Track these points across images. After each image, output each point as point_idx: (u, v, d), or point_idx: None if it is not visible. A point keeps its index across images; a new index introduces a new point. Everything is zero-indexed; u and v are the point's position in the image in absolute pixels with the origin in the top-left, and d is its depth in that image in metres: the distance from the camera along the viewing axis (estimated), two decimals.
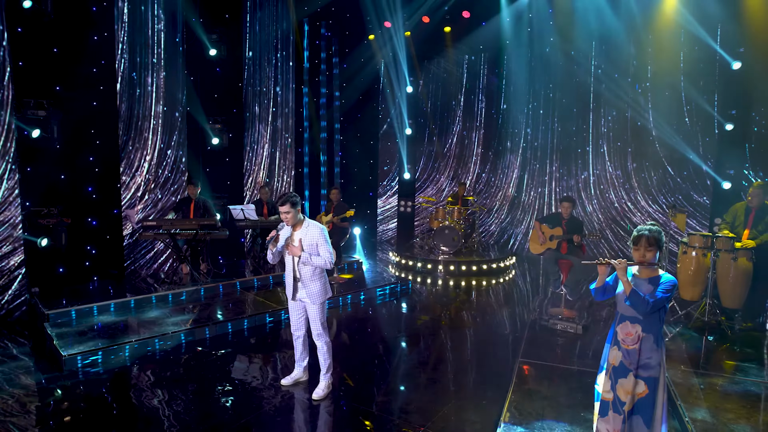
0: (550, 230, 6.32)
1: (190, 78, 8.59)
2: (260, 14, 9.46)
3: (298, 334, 4.50)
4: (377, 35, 11.84)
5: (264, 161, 9.71)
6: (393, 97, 12.74)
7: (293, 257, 4.22)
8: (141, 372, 4.81)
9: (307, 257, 4.10)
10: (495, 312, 7.06)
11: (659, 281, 2.90)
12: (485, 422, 3.95)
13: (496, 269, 9.38)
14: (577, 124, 10.51)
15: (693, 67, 9.11)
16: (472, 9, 10.38)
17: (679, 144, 9.21)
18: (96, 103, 7.60)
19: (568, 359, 4.89)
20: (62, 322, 5.73)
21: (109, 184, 7.74)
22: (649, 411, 2.94)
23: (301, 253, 4.10)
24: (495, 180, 11.73)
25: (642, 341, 2.92)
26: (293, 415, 4.10)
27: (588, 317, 6.17)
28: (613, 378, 3.04)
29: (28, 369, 4.83)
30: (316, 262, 4.13)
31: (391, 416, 4.02)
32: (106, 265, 7.62)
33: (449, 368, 5.06)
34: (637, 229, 2.98)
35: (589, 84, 10.26)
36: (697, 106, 9.11)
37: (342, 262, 8.39)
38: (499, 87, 11.60)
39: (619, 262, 2.96)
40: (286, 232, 4.25)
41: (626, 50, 9.70)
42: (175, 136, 8.22)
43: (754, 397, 4.03)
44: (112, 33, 7.62)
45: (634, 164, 9.89)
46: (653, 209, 9.63)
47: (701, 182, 9.21)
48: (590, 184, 10.33)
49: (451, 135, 12.31)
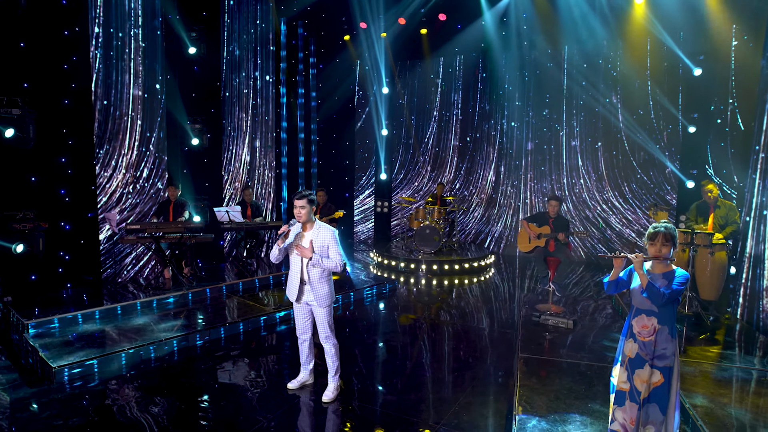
0: (537, 229, 6.52)
1: (168, 77, 8.33)
2: (238, 13, 9.27)
3: (304, 337, 4.45)
4: (353, 36, 11.85)
5: (243, 162, 9.52)
6: (369, 98, 12.77)
7: (302, 259, 4.18)
8: (140, 381, 4.64)
9: (318, 259, 4.06)
10: (484, 310, 7.22)
11: (674, 275, 3.07)
12: (497, 416, 4.06)
13: (477, 268, 9.58)
14: (551, 125, 10.87)
15: (660, 72, 9.61)
16: (449, 12, 10.53)
17: (648, 144, 9.69)
18: (68, 101, 7.26)
19: (566, 353, 5.06)
20: (44, 333, 5.44)
21: (83, 186, 7.40)
22: (665, 399, 3.10)
23: (312, 255, 4.06)
24: (471, 180, 11.95)
25: (657, 333, 3.08)
26: (307, 419, 4.06)
27: (576, 312, 6.40)
28: (629, 369, 3.18)
29: (14, 383, 4.56)
30: (327, 264, 4.10)
31: (405, 415, 4.05)
32: (80, 271, 7.28)
33: (451, 366, 5.14)
34: (653, 226, 3.13)
35: (562, 86, 10.63)
36: (663, 109, 9.61)
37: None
38: (475, 88, 11.83)
39: (636, 256, 3.11)
40: (295, 230, 4.20)
41: (599, 54, 10.12)
42: (154, 136, 7.94)
43: (743, 382, 4.31)
44: (85, 28, 7.29)
45: (606, 164, 10.32)
46: (625, 208, 10.09)
47: (668, 181, 9.72)
48: (564, 184, 10.70)
49: (428, 136, 12.46)
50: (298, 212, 4.13)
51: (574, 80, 10.48)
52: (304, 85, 11.30)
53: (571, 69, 10.50)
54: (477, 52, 11.50)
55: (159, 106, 8.01)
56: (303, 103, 11.32)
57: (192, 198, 8.02)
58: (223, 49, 8.97)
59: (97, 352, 4.89)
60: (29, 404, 4.14)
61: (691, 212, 6.30)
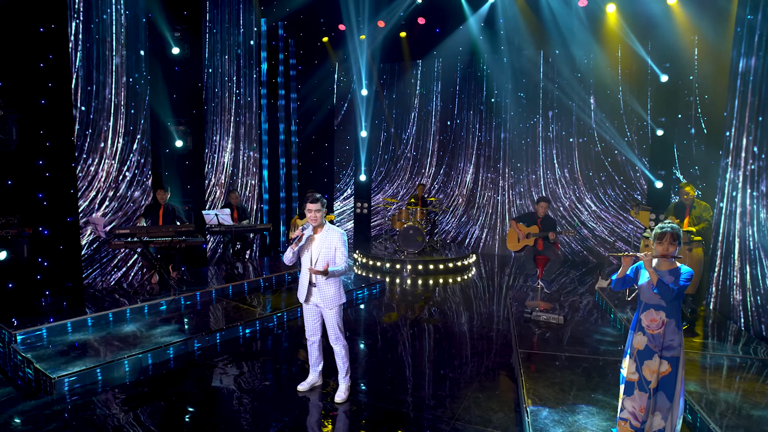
0: (526, 228, 6.76)
1: (149, 77, 8.13)
2: (219, 13, 9.13)
3: (313, 339, 4.49)
4: (332, 38, 11.87)
5: (227, 164, 9.39)
6: (349, 100, 12.82)
7: (311, 260, 4.22)
8: (145, 388, 4.55)
9: (332, 272, 4.10)
10: (475, 308, 7.42)
11: (679, 272, 3.31)
12: (505, 410, 4.22)
13: (460, 267, 9.80)
14: (528, 127, 11.22)
15: (630, 78, 10.10)
16: (429, 16, 10.72)
17: (620, 145, 10.17)
18: (45, 101, 6.99)
19: (562, 347, 5.30)
20: (33, 343, 5.23)
21: (62, 190, 7.14)
22: (672, 386, 3.33)
23: (328, 269, 4.08)
24: (450, 180, 12.18)
25: (666, 326, 3.31)
26: (323, 419, 4.11)
27: (565, 308, 6.68)
28: (638, 361, 3.40)
29: (10, 397, 4.38)
30: (338, 272, 4.15)
31: (419, 412, 4.16)
32: (59, 278, 7.03)
33: (454, 363, 5.28)
34: (660, 226, 3.36)
35: (539, 89, 11.00)
36: (634, 113, 10.12)
37: None
38: (454, 91, 12.07)
39: (645, 254, 3.33)
40: (307, 233, 4.24)
41: (575, 59, 10.53)
42: (137, 137, 7.73)
43: (728, 369, 4.65)
44: (63, 25, 7.04)
45: (580, 165, 10.75)
46: (599, 207, 10.54)
47: (638, 181, 10.23)
48: (540, 184, 11.08)
49: (407, 137, 12.61)
50: (312, 216, 4.18)
51: (550, 83, 10.86)
52: (284, 86, 11.24)
53: (547, 72, 10.88)
54: (456, 55, 11.74)
55: (142, 108, 7.81)
56: (284, 105, 11.26)
57: (177, 201, 7.86)
58: (205, 49, 8.83)
59: (96, 361, 4.75)
60: (34, 418, 4.00)
61: (668, 211, 6.68)
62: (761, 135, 5.79)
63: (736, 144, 6.29)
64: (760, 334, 5.60)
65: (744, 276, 5.98)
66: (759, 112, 5.85)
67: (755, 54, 5.97)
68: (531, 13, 9.92)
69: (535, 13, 9.86)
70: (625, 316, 6.06)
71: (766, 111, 5.74)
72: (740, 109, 6.23)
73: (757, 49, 5.93)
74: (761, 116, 5.81)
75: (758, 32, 5.91)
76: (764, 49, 5.81)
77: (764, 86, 5.76)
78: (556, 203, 10.91)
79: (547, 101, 10.96)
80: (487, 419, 4.07)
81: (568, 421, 3.78)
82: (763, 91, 5.79)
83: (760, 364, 4.76)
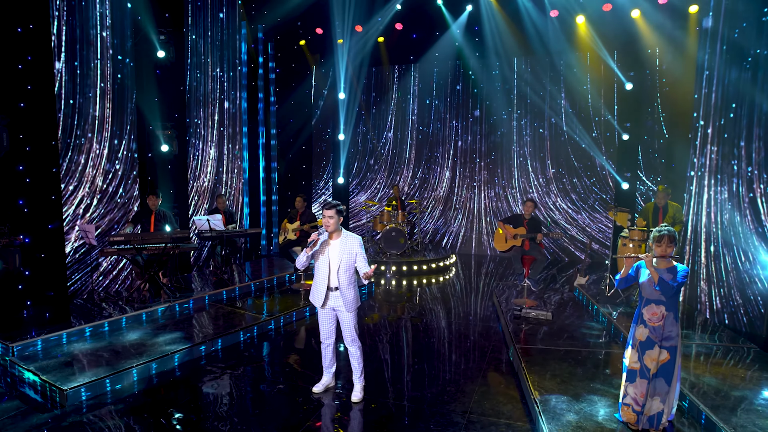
0: (513, 230, 7.12)
1: (135, 80, 7.98)
2: (201, 15, 9.05)
3: (328, 342, 4.63)
4: (309, 42, 11.93)
5: (210, 169, 9.31)
6: (326, 103, 12.90)
7: (329, 266, 4.36)
8: (159, 396, 4.55)
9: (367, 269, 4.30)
10: (463, 306, 7.72)
11: (676, 270, 3.68)
12: (513, 402, 4.51)
13: (442, 267, 10.11)
14: (503, 130, 11.67)
15: (599, 84, 10.70)
16: (408, 22, 10.97)
17: (591, 148, 10.77)
18: (24, 104, 6.78)
19: (554, 342, 5.65)
20: (30, 355, 5.11)
21: (44, 196, 6.93)
22: (670, 373, 3.70)
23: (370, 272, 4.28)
24: (428, 182, 12.47)
25: (665, 318, 3.67)
26: (345, 418, 4.25)
27: (551, 305, 7.07)
28: (640, 351, 3.76)
29: (20, 411, 4.29)
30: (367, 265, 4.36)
31: (434, 408, 4.38)
32: (42, 286, 6.82)
33: (455, 360, 5.54)
34: (657, 230, 3.72)
35: (513, 93, 11.46)
36: (603, 118, 10.73)
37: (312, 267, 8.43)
38: (430, 95, 12.37)
39: (646, 256, 3.69)
40: (322, 238, 4.37)
41: (548, 65, 11.05)
42: (124, 142, 7.58)
43: (704, 356, 5.12)
44: (45, 24, 6.84)
45: (552, 167, 11.30)
46: (570, 208, 11.11)
47: (606, 183, 10.87)
48: (515, 185, 11.56)
49: (384, 139, 12.82)
50: (326, 222, 4.31)
51: (524, 88, 11.33)
52: (264, 89, 11.21)
53: (522, 76, 11.35)
54: (433, 60, 12.04)
55: (129, 111, 7.66)
56: (263, 108, 11.23)
57: (165, 207, 7.76)
58: (187, 52, 8.73)
59: (105, 371, 4.71)
60: (53, 431, 3.96)
61: (644, 212, 7.19)
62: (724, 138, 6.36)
63: (701, 148, 6.85)
64: (723, 323, 6.17)
65: (710, 271, 6.54)
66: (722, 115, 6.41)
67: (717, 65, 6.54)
68: (508, 21, 10.35)
69: (512, 20, 10.30)
70: (606, 310, 6.50)
71: (728, 115, 6.30)
72: (705, 116, 6.80)
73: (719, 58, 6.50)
74: (723, 119, 6.37)
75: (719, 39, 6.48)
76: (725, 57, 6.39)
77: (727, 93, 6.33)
78: None
79: (522, 105, 11.43)
80: (497, 411, 4.34)
81: (575, 408, 4.11)
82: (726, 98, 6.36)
83: (727, 349, 5.28)
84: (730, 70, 6.29)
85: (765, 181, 5.66)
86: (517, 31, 10.41)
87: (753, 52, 5.87)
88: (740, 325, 5.91)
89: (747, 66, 5.98)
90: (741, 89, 6.07)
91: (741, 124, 6.07)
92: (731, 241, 6.13)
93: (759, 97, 5.74)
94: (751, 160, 5.86)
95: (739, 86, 6.12)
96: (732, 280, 6.10)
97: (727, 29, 6.37)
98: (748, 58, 5.97)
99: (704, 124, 6.81)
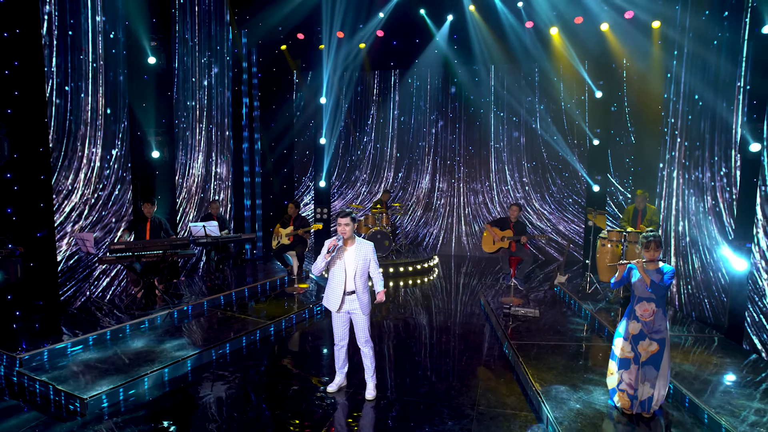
0: (500, 232, 7.53)
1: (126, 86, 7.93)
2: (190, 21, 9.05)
3: (341, 344, 4.86)
4: (291, 46, 12.04)
5: (199, 174, 9.31)
6: (308, 107, 13.03)
7: (345, 271, 4.60)
8: (180, 401, 4.67)
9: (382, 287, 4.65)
10: (453, 305, 8.07)
11: (663, 271, 4.12)
12: (516, 393, 4.87)
13: (426, 268, 10.46)
14: (481, 134, 12.13)
15: (572, 92, 11.30)
16: (391, 29, 11.25)
17: (564, 153, 11.36)
18: (11, 111, 6.67)
19: (545, 337, 6.07)
20: (37, 366, 5.10)
21: (32, 204, 6.83)
22: (658, 361, 4.13)
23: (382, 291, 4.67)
24: (408, 185, 12.79)
25: (655, 314, 4.11)
26: (364, 415, 4.50)
27: (536, 303, 7.51)
28: (633, 342, 4.18)
29: (39, 422, 4.32)
30: (381, 276, 4.67)
31: (445, 402, 4.69)
32: (31, 296, 6.73)
33: (455, 357, 5.87)
34: (644, 236, 4.16)
35: (490, 98, 11.93)
36: (575, 124, 11.33)
37: (303, 271, 8.60)
38: (410, 100, 12.70)
39: (637, 261, 4.12)
40: (340, 244, 4.60)
41: (523, 72, 11.57)
42: (116, 148, 7.53)
43: (679, 346, 5.64)
44: (36, 30, 6.74)
45: (528, 170, 11.83)
46: (546, 210, 11.68)
47: (578, 185, 11.49)
48: (493, 188, 12.04)
49: (365, 143, 13.06)
50: (342, 229, 4.55)
51: (502, 93, 11.82)
52: (247, 94, 11.25)
53: (500, 82, 11.83)
54: (413, 66, 12.37)
55: (121, 117, 7.62)
56: (247, 113, 11.27)
57: (162, 213, 7.76)
58: (174, 57, 8.72)
59: (120, 378, 4.78)
60: None
61: (626, 214, 7.72)
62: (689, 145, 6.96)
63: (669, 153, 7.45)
64: (690, 316, 6.76)
65: (678, 267, 7.13)
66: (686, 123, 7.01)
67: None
68: (489, 30, 10.80)
69: (491, 29, 10.75)
70: (588, 306, 6.99)
71: (694, 118, 6.89)
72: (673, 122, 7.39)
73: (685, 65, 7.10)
74: (689, 116, 6.96)
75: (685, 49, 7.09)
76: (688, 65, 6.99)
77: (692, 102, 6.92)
78: (507, 206, 11.92)
79: (501, 111, 11.92)
80: (503, 402, 4.69)
81: (574, 397, 4.50)
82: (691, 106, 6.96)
83: (697, 339, 5.84)
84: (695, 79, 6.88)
85: (725, 183, 6.25)
86: (496, 40, 10.88)
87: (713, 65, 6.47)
88: (706, 316, 6.51)
89: (709, 77, 6.58)
90: (705, 98, 6.66)
91: (704, 132, 6.66)
92: (697, 239, 6.72)
93: (720, 107, 6.34)
94: (713, 165, 6.46)
95: (703, 95, 6.71)
96: (698, 275, 6.70)
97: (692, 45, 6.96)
98: (709, 70, 6.57)
99: (670, 131, 7.41)
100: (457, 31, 11.24)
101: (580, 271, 9.81)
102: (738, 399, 4.37)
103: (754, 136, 5.75)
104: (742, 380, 4.79)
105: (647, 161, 9.60)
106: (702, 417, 4.22)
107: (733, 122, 6.10)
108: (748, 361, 5.22)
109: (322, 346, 6.31)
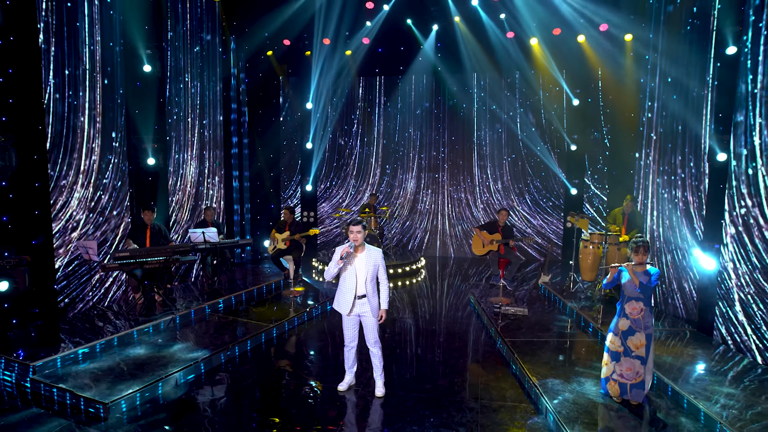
0: (490, 236, 7.93)
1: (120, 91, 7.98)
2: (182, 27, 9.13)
3: (351, 345, 5.13)
4: (275, 51, 12.19)
5: (192, 180, 9.40)
6: (294, 113, 13.19)
7: (356, 276, 4.88)
8: (196, 402, 4.85)
9: (386, 305, 4.92)
10: (444, 305, 8.43)
11: (650, 273, 4.57)
12: (514, 387, 5.26)
13: (414, 270, 10.80)
14: (465, 139, 12.55)
15: (551, 99, 11.83)
16: (377, 37, 11.55)
17: (544, 157, 11.90)
18: (6, 119, 6.68)
19: (535, 334, 6.49)
20: (51, 374, 5.19)
21: (27, 211, 6.84)
22: (646, 353, 4.59)
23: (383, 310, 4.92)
24: (394, 189, 13.12)
25: (643, 312, 4.56)
26: (376, 410, 4.79)
27: (524, 302, 7.94)
28: (623, 337, 4.62)
29: (64, 427, 4.45)
30: (388, 291, 4.92)
31: (450, 397, 5.03)
32: (27, 304, 6.75)
33: (454, 354, 6.22)
34: (634, 241, 4.59)
35: (473, 106, 12.36)
36: (554, 130, 11.87)
37: (299, 275, 8.81)
38: (395, 107, 13.02)
39: (627, 265, 4.55)
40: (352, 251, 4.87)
41: (505, 80, 12.04)
42: (114, 155, 7.58)
43: (657, 339, 6.14)
44: (33, 37, 6.76)
45: (509, 174, 12.32)
46: (526, 212, 12.20)
47: (557, 189, 12.04)
48: (477, 192, 12.49)
49: (350, 148, 13.32)
50: (354, 236, 4.82)
51: (485, 100, 12.27)
52: (236, 100, 11.35)
53: (482, 90, 12.28)
54: (399, 74, 12.71)
55: (118, 125, 7.67)
56: (236, 118, 11.37)
57: (161, 220, 7.85)
58: (167, 64, 8.79)
59: (137, 383, 4.93)
60: None
61: (611, 216, 8.23)
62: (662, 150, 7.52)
63: (645, 159, 8.00)
64: (666, 311, 7.32)
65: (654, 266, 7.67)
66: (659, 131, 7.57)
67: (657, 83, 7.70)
68: (470, 39, 11.23)
69: (475, 38, 11.19)
70: (573, 304, 7.46)
71: (667, 126, 7.44)
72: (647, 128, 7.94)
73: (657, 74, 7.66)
74: (662, 128, 7.52)
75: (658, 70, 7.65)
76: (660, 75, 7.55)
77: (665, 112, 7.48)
78: (489, 208, 12.40)
79: (483, 117, 12.37)
80: (503, 396, 5.06)
81: (568, 389, 4.91)
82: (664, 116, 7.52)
83: (672, 332, 6.37)
84: (667, 93, 7.44)
85: (695, 189, 6.82)
86: (479, 49, 11.32)
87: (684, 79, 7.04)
88: (679, 311, 7.07)
89: (682, 92, 7.14)
90: (676, 110, 7.23)
91: (676, 140, 7.22)
92: (671, 239, 7.28)
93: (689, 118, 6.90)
94: (685, 171, 7.02)
95: (674, 108, 7.27)
96: (671, 273, 7.26)
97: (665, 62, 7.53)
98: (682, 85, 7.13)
99: (646, 139, 7.97)
100: (443, 40, 11.64)
101: (560, 271, 10.34)
102: (711, 385, 4.87)
103: (720, 146, 6.31)
104: (713, 368, 5.31)
105: (622, 165, 10.18)
106: (682, 402, 4.69)
107: (702, 134, 6.66)
108: (718, 352, 5.76)
109: (326, 347, 6.56)
